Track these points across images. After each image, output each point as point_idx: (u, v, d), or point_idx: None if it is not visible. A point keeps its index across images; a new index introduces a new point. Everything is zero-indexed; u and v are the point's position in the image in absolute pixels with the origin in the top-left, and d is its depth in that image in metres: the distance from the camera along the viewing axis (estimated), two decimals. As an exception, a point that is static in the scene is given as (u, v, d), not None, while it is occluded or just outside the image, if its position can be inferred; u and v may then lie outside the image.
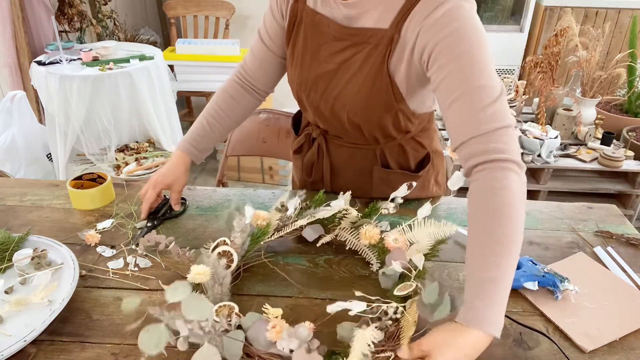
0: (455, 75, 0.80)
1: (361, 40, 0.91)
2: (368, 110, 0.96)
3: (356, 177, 1.14)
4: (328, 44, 0.96)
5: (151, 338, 0.66)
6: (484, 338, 0.67)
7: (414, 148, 1.11)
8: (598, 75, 2.69)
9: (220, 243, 0.90)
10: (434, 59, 0.82)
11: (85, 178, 1.16)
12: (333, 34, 0.94)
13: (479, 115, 0.77)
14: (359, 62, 0.93)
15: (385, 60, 0.90)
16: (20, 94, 2.40)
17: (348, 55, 0.94)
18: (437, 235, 0.88)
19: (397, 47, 0.88)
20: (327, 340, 0.75)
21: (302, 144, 1.18)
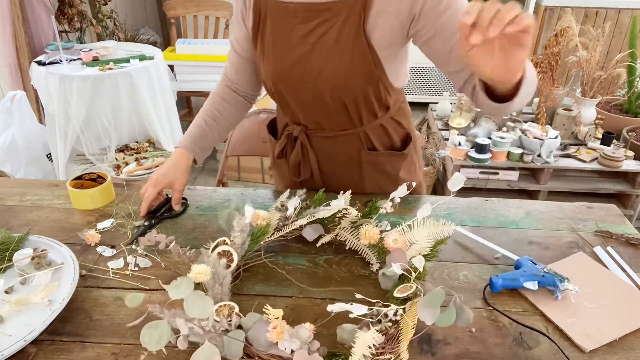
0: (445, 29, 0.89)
1: (332, 15, 0.92)
2: (351, 82, 0.97)
3: (345, 167, 1.14)
4: (298, 28, 0.96)
5: (153, 334, 0.66)
6: None
7: (394, 128, 1.13)
8: (598, 75, 2.70)
9: (220, 243, 0.90)
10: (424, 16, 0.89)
11: (85, 178, 1.16)
12: (302, 16, 0.95)
13: None
14: (334, 36, 0.93)
15: (361, 28, 0.91)
16: (20, 94, 2.40)
17: (321, 32, 0.94)
18: (437, 235, 0.88)
19: (372, 12, 0.90)
20: (327, 341, 0.75)
21: (284, 147, 1.18)
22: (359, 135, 1.10)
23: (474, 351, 0.75)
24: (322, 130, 1.10)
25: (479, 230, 1.05)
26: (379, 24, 0.91)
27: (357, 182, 1.15)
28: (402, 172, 1.17)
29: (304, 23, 0.95)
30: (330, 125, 1.08)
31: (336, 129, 1.09)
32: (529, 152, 2.48)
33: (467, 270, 0.93)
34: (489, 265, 0.94)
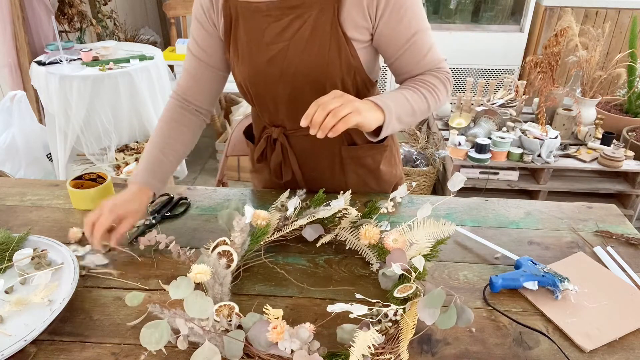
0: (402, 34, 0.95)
1: (305, 9, 0.93)
2: (329, 75, 0.97)
3: (326, 164, 1.14)
4: (271, 26, 0.96)
5: (153, 334, 0.66)
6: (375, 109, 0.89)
7: None
8: (598, 75, 2.70)
9: (220, 243, 0.90)
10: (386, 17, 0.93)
11: (85, 178, 1.16)
12: (275, 14, 0.95)
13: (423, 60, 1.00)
14: (309, 30, 0.94)
15: (335, 19, 0.92)
16: (20, 94, 2.40)
17: (295, 28, 0.95)
18: (437, 235, 0.88)
19: (345, 4, 0.92)
20: (327, 341, 0.75)
21: (263, 150, 1.18)
22: None
23: (474, 351, 0.75)
24: (301, 129, 1.09)
25: (479, 230, 1.05)
26: (352, 15, 0.93)
27: (339, 178, 1.15)
28: (382, 165, 1.18)
29: (277, 21, 0.96)
30: None
31: None
32: (529, 152, 2.48)
33: (467, 270, 0.93)
34: (489, 265, 0.94)
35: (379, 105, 0.89)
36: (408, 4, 0.93)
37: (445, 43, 3.99)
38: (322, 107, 0.84)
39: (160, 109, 2.54)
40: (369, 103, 0.89)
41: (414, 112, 0.96)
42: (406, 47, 0.97)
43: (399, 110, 0.93)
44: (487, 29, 3.96)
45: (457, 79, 4.14)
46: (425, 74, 1.00)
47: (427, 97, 0.97)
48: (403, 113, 0.94)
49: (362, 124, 0.87)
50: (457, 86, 4.15)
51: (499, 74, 4.01)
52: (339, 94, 0.87)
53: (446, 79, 1.01)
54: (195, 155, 3.42)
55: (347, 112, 0.84)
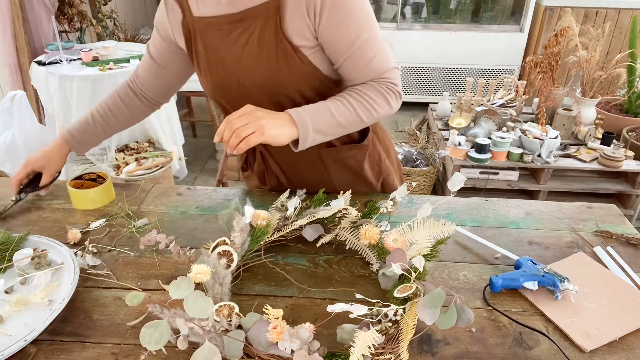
0: (343, 38, 0.92)
1: (250, 22, 0.93)
2: (282, 85, 0.97)
3: (310, 168, 1.14)
4: (224, 41, 0.97)
5: (153, 334, 0.66)
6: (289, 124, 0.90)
7: None
8: (598, 75, 2.70)
9: (220, 243, 0.90)
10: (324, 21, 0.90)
11: (85, 178, 1.16)
12: (224, 28, 0.95)
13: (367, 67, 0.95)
14: (256, 42, 0.94)
15: (279, 29, 0.91)
16: (20, 94, 2.40)
17: (244, 41, 0.95)
18: (437, 235, 0.88)
19: (287, 12, 0.91)
20: (327, 341, 0.75)
21: (246, 159, 1.18)
22: None
23: (474, 351, 0.75)
24: None
25: (479, 230, 1.05)
26: (295, 22, 0.92)
27: (325, 180, 1.14)
28: (366, 164, 1.16)
29: (228, 34, 0.96)
30: None
31: None
32: (529, 152, 2.48)
33: (467, 270, 0.93)
34: (489, 265, 0.94)
35: (293, 120, 0.90)
36: (345, 10, 0.90)
37: (445, 43, 3.99)
38: (228, 126, 0.87)
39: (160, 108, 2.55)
40: (281, 118, 0.90)
41: (339, 124, 0.94)
42: (348, 53, 0.93)
43: (319, 124, 0.92)
44: (487, 29, 3.96)
45: (457, 79, 4.14)
46: (365, 84, 0.97)
47: (357, 108, 0.94)
48: (324, 125, 0.93)
49: (268, 142, 0.88)
50: (457, 86, 4.15)
51: (499, 74, 4.01)
52: (249, 110, 0.88)
53: (388, 89, 0.97)
54: (195, 155, 3.42)
55: (249, 132, 0.86)
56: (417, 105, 4.13)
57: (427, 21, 4.11)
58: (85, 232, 1.03)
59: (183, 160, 2.79)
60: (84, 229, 1.03)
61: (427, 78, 4.11)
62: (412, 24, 4.04)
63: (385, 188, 1.22)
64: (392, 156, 1.25)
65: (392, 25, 4.01)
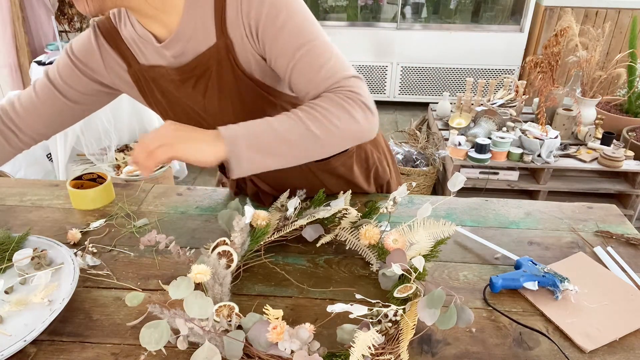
0: (285, 47, 0.82)
1: (204, 69, 0.88)
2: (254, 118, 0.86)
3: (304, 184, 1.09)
4: (180, 89, 0.92)
5: (153, 334, 0.66)
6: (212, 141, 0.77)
7: None
8: (598, 75, 2.70)
9: (220, 243, 0.90)
10: (262, 36, 0.83)
11: (85, 178, 1.16)
12: (177, 79, 0.90)
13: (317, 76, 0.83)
14: (216, 87, 0.89)
15: (237, 69, 0.86)
16: (20, 94, 2.40)
17: (202, 88, 0.90)
18: (437, 235, 0.88)
19: (237, 49, 0.85)
20: (327, 341, 0.75)
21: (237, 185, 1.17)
22: None
23: (474, 351, 0.75)
24: None
25: (479, 230, 1.05)
26: (249, 58, 0.86)
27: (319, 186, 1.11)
28: (355, 166, 1.12)
29: (183, 84, 0.91)
30: None
31: None
32: (529, 152, 2.48)
33: (467, 270, 0.93)
34: (489, 265, 0.94)
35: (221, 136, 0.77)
36: (282, 17, 0.81)
37: (445, 43, 3.99)
38: (139, 144, 0.78)
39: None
40: (203, 133, 0.78)
41: (285, 140, 0.79)
42: (294, 62, 0.83)
43: (256, 140, 0.78)
44: (487, 29, 3.96)
45: (457, 79, 4.14)
46: (319, 97, 0.83)
47: (307, 120, 0.79)
48: (264, 142, 0.78)
49: (180, 158, 0.77)
50: (457, 86, 4.15)
51: (499, 74, 4.01)
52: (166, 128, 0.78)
53: (348, 98, 0.81)
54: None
55: (155, 146, 0.76)
56: (417, 105, 4.13)
57: (427, 21, 4.11)
58: (85, 232, 1.03)
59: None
60: (84, 229, 1.03)
61: (427, 78, 4.11)
62: (412, 24, 4.04)
63: (377, 179, 1.20)
64: (380, 148, 1.20)
65: (392, 25, 4.02)
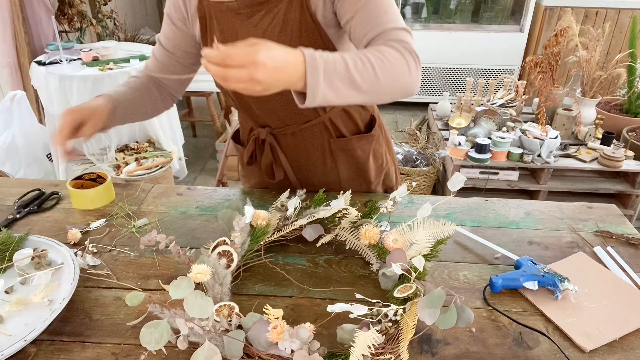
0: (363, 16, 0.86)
1: (274, 4, 0.92)
2: None
3: (318, 160, 1.14)
4: (244, 25, 0.95)
5: (153, 334, 0.66)
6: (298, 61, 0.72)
7: (358, 111, 1.13)
8: (598, 75, 2.70)
9: (220, 243, 0.90)
10: None
11: (85, 178, 1.16)
12: (245, 12, 0.94)
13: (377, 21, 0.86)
14: (280, 24, 0.93)
15: (305, 10, 0.91)
16: (20, 94, 2.40)
17: (266, 23, 0.94)
18: (437, 235, 0.88)
19: None
20: (327, 341, 0.75)
21: (252, 152, 1.17)
22: (325, 124, 1.10)
23: (474, 351, 0.75)
24: (287, 126, 1.09)
25: (479, 230, 1.05)
26: (320, 2, 0.91)
27: (332, 173, 1.15)
28: (371, 156, 1.17)
29: (249, 18, 0.94)
30: (294, 119, 1.08)
31: (301, 122, 1.08)
32: (529, 152, 2.48)
33: (467, 270, 0.93)
34: (489, 265, 0.94)
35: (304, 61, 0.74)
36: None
37: (445, 43, 3.99)
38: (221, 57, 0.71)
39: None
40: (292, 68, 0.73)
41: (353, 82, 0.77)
42: (359, 5, 0.87)
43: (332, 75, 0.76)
44: (487, 29, 3.96)
45: (457, 79, 4.14)
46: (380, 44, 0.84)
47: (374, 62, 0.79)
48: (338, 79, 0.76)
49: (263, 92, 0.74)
50: (457, 86, 4.15)
51: (499, 74, 4.01)
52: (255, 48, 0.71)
53: (404, 48, 0.83)
54: (196, 155, 3.42)
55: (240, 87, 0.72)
56: (417, 105, 4.13)
57: (427, 21, 4.11)
58: (85, 232, 1.03)
59: (183, 160, 2.79)
60: (84, 229, 1.03)
61: (427, 78, 4.11)
62: (412, 24, 4.04)
63: (386, 181, 1.23)
64: (392, 152, 1.26)
65: (392, 25, 4.01)
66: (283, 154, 1.14)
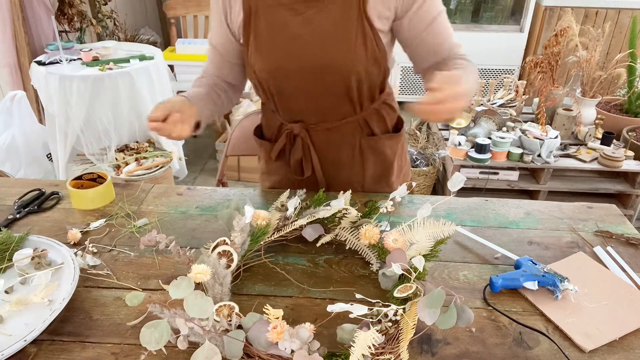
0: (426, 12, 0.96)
1: (329, 2, 0.93)
2: (355, 67, 0.98)
3: (346, 157, 1.15)
4: (295, 20, 0.96)
5: (153, 334, 0.66)
6: None
7: (387, 111, 1.15)
8: (598, 75, 2.70)
9: (220, 243, 0.90)
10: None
11: (85, 178, 1.16)
12: (297, 7, 0.95)
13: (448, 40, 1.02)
14: (333, 23, 0.94)
15: (361, 10, 0.92)
16: (20, 94, 2.40)
17: (320, 20, 0.95)
18: (437, 235, 0.88)
19: None
20: (327, 341, 0.75)
21: (282, 147, 1.18)
22: (358, 123, 1.12)
23: (474, 351, 0.75)
24: (323, 122, 1.10)
25: (479, 230, 1.05)
26: (376, 5, 0.93)
27: (357, 172, 1.16)
28: (397, 158, 1.21)
29: (300, 14, 0.95)
30: (332, 115, 1.09)
31: (337, 118, 1.10)
32: (529, 152, 2.48)
33: (467, 270, 0.93)
34: (489, 265, 0.94)
35: None
36: None
37: (445, 43, 3.98)
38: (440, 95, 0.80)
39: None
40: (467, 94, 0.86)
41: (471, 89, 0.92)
42: (427, 30, 0.98)
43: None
44: (487, 29, 3.96)
45: (457, 79, 4.13)
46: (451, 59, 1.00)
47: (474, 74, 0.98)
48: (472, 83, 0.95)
49: None
50: (457, 86, 4.14)
51: (499, 74, 4.01)
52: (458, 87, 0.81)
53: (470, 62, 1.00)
54: (196, 155, 3.42)
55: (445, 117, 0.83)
56: (417, 105, 4.12)
57: (427, 21, 4.10)
58: (85, 232, 1.03)
59: (183, 160, 2.79)
60: (84, 229, 1.03)
61: (427, 78, 4.11)
62: (412, 24, 4.03)
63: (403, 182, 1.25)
64: (407, 154, 1.31)
65: (392, 25, 4.01)
66: (315, 151, 1.15)
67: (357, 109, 1.09)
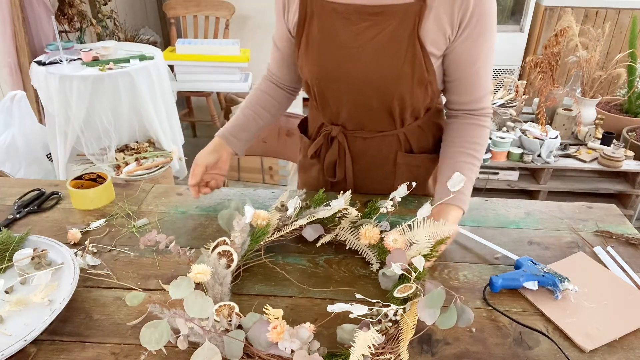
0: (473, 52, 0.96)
1: (385, 18, 0.92)
2: (400, 87, 0.96)
3: (379, 168, 1.14)
4: (347, 29, 0.95)
5: (153, 334, 0.66)
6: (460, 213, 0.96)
7: (431, 129, 1.13)
8: (598, 75, 2.70)
9: (220, 243, 0.90)
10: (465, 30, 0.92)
11: (85, 178, 1.16)
12: (352, 18, 0.94)
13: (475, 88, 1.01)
14: (386, 39, 0.93)
15: (415, 32, 0.91)
16: (20, 94, 2.40)
17: (372, 34, 0.93)
18: (437, 235, 0.88)
19: (427, 17, 0.90)
20: (327, 341, 0.75)
21: (319, 147, 1.17)
22: (398, 137, 1.10)
23: (474, 351, 0.75)
24: (361, 130, 1.10)
25: (479, 230, 1.05)
26: (432, 29, 0.91)
27: (388, 183, 1.14)
28: (431, 179, 1.19)
29: (354, 24, 0.94)
30: (371, 126, 1.08)
31: (376, 130, 1.09)
32: (529, 152, 2.48)
33: (467, 270, 0.93)
34: (489, 265, 0.94)
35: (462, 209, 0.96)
36: (487, 27, 0.93)
37: (445, 43, 3.98)
38: None
39: (161, 109, 2.55)
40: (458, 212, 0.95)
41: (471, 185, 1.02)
42: (470, 70, 0.97)
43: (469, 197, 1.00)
44: (487, 29, 3.95)
45: (457, 79, 4.13)
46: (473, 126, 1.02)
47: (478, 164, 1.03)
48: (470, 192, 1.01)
49: None
50: (457, 86, 4.15)
51: (499, 74, 4.01)
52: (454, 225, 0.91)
53: (488, 120, 1.04)
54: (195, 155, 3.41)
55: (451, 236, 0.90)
56: (417, 105, 4.12)
57: (427, 21, 4.10)
58: (85, 232, 1.03)
59: (183, 160, 2.79)
60: (84, 229, 1.03)
61: (427, 78, 4.11)
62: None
63: None
64: None
65: (392, 25, 4.01)
66: (349, 155, 1.14)
67: (398, 124, 1.07)
